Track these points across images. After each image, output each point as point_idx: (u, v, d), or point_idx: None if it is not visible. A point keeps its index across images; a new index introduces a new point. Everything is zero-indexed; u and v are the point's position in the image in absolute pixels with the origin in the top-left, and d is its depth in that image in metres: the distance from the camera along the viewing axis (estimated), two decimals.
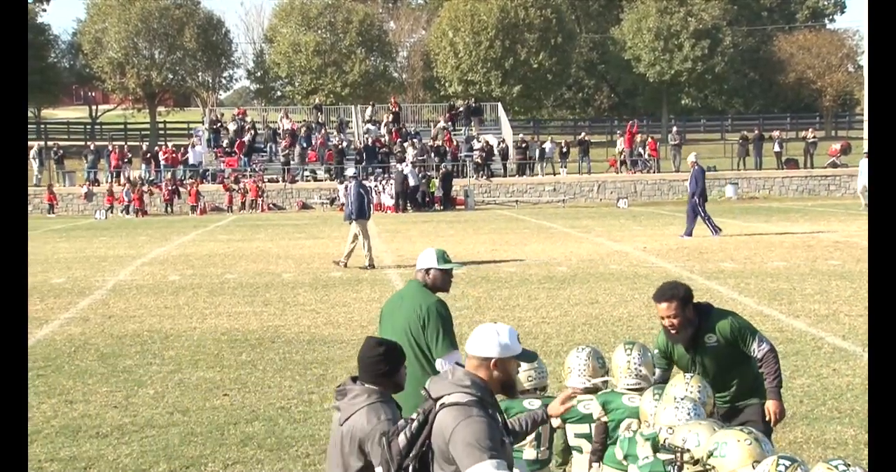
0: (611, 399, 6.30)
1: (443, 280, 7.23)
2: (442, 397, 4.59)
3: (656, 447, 5.58)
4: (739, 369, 6.91)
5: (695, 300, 6.95)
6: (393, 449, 4.59)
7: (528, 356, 4.87)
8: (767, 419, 6.77)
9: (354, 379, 5.29)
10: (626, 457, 5.81)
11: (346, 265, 21.07)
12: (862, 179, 34.70)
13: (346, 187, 22.01)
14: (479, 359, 4.68)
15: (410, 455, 4.56)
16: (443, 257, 7.22)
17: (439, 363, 6.85)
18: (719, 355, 6.85)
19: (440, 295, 7.20)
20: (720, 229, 26.08)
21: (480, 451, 4.38)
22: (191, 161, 48.40)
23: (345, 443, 5.14)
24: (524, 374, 6.46)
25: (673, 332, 6.86)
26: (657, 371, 6.89)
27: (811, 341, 12.56)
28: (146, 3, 63.94)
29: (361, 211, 21.30)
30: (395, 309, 7.14)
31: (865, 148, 40.31)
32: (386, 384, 5.23)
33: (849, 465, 4.61)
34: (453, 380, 4.65)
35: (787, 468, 4.66)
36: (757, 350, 6.85)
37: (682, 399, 6.18)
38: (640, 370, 6.41)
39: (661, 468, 5.52)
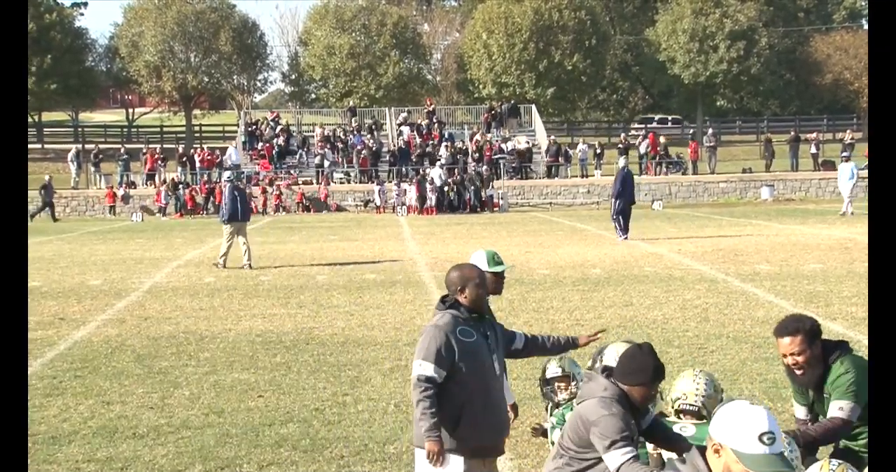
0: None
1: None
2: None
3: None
4: (863, 426, 5.77)
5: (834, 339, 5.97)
6: None
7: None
8: None
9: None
10: None
11: (250, 267, 21.62)
12: (847, 184, 34.82)
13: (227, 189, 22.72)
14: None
15: None
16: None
17: None
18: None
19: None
20: (623, 237, 26.47)
21: None
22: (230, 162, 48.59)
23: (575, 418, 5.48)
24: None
25: (799, 372, 5.80)
26: (800, 409, 6.08)
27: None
28: (182, 7, 64.49)
29: (234, 214, 21.82)
30: None
31: (845, 152, 40.41)
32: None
33: (840, 463, 4.65)
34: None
35: (836, 466, 4.72)
36: (834, 411, 5.70)
37: (699, 372, 6.16)
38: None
39: None
